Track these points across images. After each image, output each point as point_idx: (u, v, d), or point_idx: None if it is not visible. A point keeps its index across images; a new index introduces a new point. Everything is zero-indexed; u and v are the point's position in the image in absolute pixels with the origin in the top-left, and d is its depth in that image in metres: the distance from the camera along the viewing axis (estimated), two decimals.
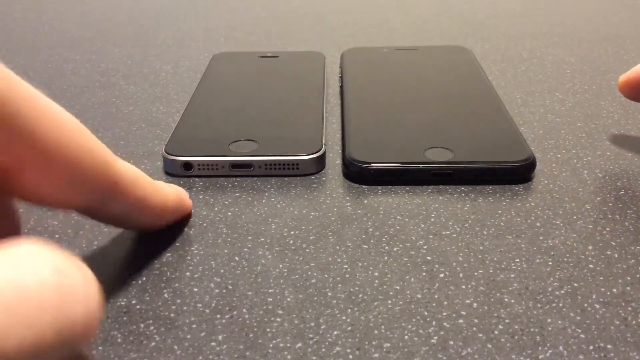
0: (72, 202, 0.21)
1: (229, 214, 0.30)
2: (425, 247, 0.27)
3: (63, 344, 0.14)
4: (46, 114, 0.18)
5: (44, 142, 0.18)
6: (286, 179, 0.33)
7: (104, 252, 0.27)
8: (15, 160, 0.18)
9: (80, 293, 0.15)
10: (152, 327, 0.23)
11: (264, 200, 0.31)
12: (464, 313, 0.23)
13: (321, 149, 0.33)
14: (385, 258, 0.26)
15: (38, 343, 0.13)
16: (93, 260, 0.27)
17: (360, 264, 0.26)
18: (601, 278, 0.25)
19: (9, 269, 0.14)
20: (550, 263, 0.26)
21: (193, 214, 0.30)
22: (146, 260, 0.26)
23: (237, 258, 0.27)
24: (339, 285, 0.25)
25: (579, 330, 0.22)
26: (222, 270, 0.26)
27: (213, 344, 0.22)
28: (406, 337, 0.22)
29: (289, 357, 0.22)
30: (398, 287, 0.25)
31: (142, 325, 0.23)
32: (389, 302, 0.24)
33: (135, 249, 0.27)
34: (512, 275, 0.25)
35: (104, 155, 0.21)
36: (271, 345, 0.22)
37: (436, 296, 0.24)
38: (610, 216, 0.29)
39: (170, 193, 0.26)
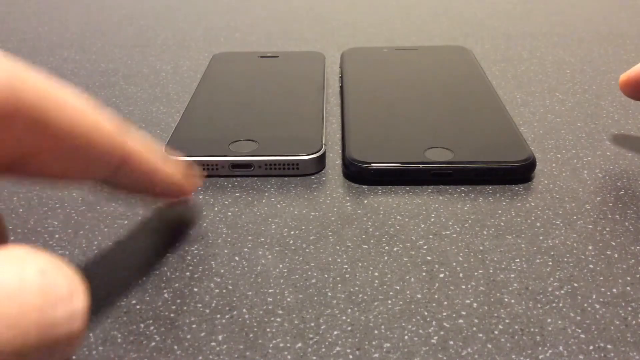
0: (83, 177, 0.21)
1: (229, 214, 0.30)
2: (425, 247, 0.27)
3: (47, 345, 0.14)
4: (55, 98, 0.19)
5: (55, 128, 0.19)
6: (286, 179, 0.33)
7: (104, 252, 0.27)
8: (29, 148, 0.18)
9: (63, 294, 0.15)
10: (152, 327, 0.23)
11: (264, 200, 0.31)
12: (464, 313, 0.23)
13: (321, 149, 0.33)
14: (385, 258, 0.26)
15: (21, 343, 0.13)
16: (93, 261, 0.27)
17: (360, 264, 0.26)
18: (601, 278, 0.25)
19: None
20: (550, 263, 0.26)
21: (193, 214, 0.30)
22: (146, 260, 0.26)
23: (237, 258, 0.27)
24: (339, 285, 0.25)
25: (579, 330, 0.22)
26: (222, 270, 0.26)
27: (213, 344, 0.22)
28: (406, 337, 0.22)
29: (289, 357, 0.22)
30: (398, 287, 0.25)
31: (142, 325, 0.23)
32: (389, 302, 0.24)
33: (135, 249, 0.27)
34: (512, 275, 0.25)
35: (113, 130, 0.21)
36: (271, 345, 0.22)
37: (436, 296, 0.24)
38: (610, 216, 0.29)
39: (179, 165, 0.27)
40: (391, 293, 0.24)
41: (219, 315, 0.23)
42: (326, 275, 0.25)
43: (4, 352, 0.13)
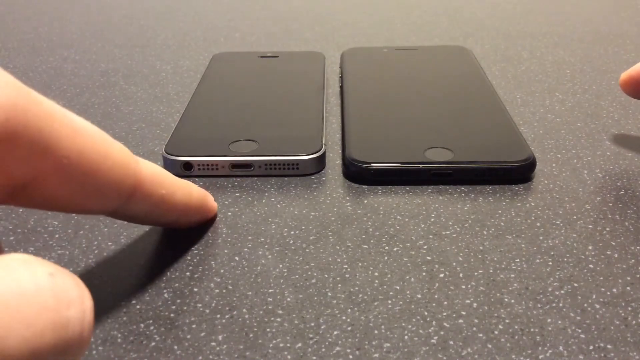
0: (93, 207, 0.21)
1: (229, 214, 0.30)
2: (425, 247, 0.27)
3: (60, 346, 0.14)
4: (62, 125, 0.18)
5: (61, 154, 0.18)
6: (286, 179, 0.33)
7: (104, 252, 0.27)
8: (35, 173, 0.18)
9: (74, 295, 0.15)
10: (152, 327, 0.23)
11: (264, 200, 0.31)
12: (464, 313, 0.23)
13: (321, 149, 0.33)
14: (385, 258, 0.26)
15: (37, 342, 0.13)
16: (93, 261, 0.27)
17: (360, 264, 0.26)
18: (601, 278, 0.25)
19: (6, 274, 0.14)
20: (550, 263, 0.26)
21: None
22: (146, 261, 0.26)
23: (237, 258, 0.27)
24: (339, 285, 0.25)
25: (579, 330, 0.22)
26: (222, 270, 0.26)
27: (213, 344, 0.22)
28: (406, 337, 0.22)
29: (289, 357, 0.22)
30: (398, 287, 0.25)
31: (142, 325, 0.23)
32: (389, 302, 0.24)
33: (135, 249, 0.27)
34: (512, 275, 0.25)
35: (123, 160, 0.21)
36: (271, 345, 0.22)
37: (436, 296, 0.24)
38: (610, 216, 0.29)
39: (194, 190, 0.26)
40: (391, 293, 0.24)
41: (219, 315, 0.23)
42: (326, 275, 0.25)
43: (22, 351, 0.13)
